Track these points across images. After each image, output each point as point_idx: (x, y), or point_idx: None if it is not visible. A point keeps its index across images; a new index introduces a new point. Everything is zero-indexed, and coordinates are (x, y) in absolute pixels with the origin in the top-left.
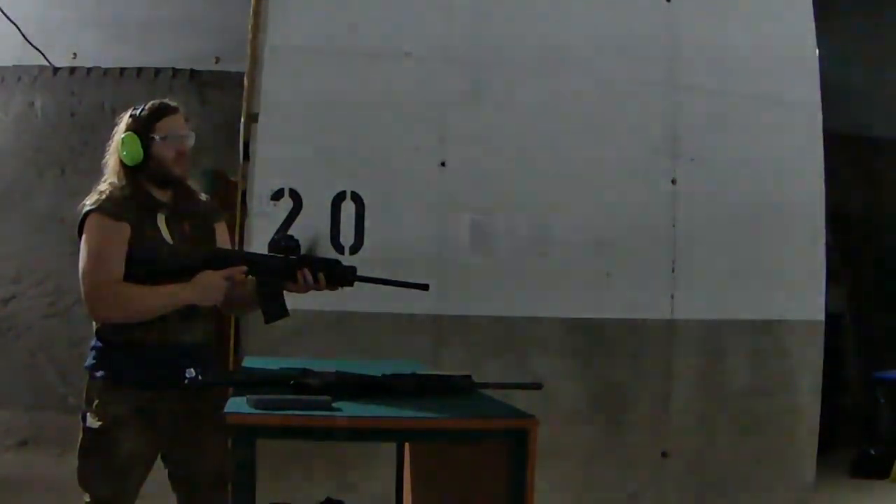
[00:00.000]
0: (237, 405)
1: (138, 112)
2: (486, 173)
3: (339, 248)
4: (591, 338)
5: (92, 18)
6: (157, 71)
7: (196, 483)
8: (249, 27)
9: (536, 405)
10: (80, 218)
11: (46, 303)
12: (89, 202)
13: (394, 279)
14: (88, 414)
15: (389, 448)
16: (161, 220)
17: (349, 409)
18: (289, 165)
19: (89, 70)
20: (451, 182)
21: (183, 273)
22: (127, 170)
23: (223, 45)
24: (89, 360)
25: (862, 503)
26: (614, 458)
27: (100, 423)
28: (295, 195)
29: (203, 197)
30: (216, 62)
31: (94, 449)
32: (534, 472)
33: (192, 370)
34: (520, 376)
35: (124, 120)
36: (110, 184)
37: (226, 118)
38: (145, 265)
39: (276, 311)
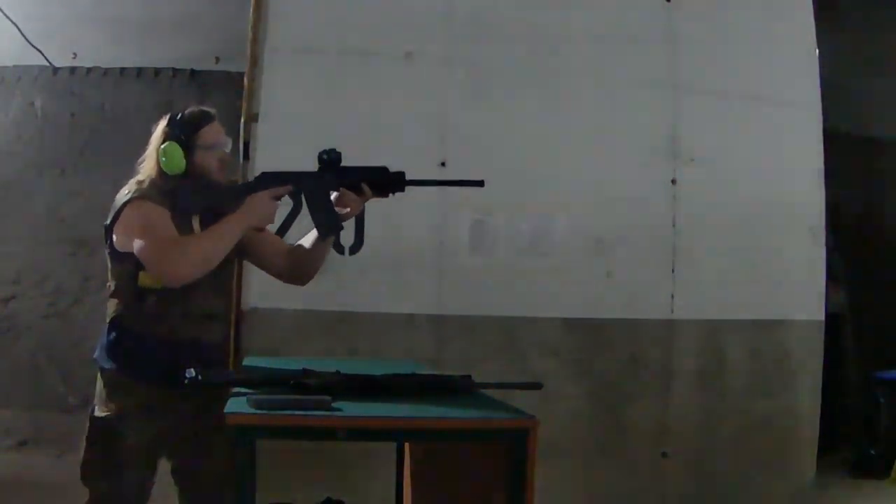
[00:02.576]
0: (237, 405)
1: (178, 119)
2: (486, 173)
3: (339, 248)
4: (591, 338)
5: (92, 18)
6: (157, 71)
7: (199, 482)
8: (249, 27)
9: (536, 405)
10: (116, 210)
11: (46, 303)
12: (127, 192)
13: (448, 179)
14: (96, 405)
15: (389, 448)
16: (196, 221)
17: (349, 409)
18: (289, 165)
19: (89, 70)
20: None
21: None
22: (165, 176)
23: (223, 45)
24: (98, 353)
25: (862, 503)
26: (614, 458)
27: (106, 412)
28: (295, 195)
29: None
30: (216, 62)
31: (99, 440)
32: (534, 472)
33: (191, 370)
34: (520, 376)
35: (161, 127)
36: (149, 178)
37: (226, 118)
38: (193, 207)
39: (330, 223)
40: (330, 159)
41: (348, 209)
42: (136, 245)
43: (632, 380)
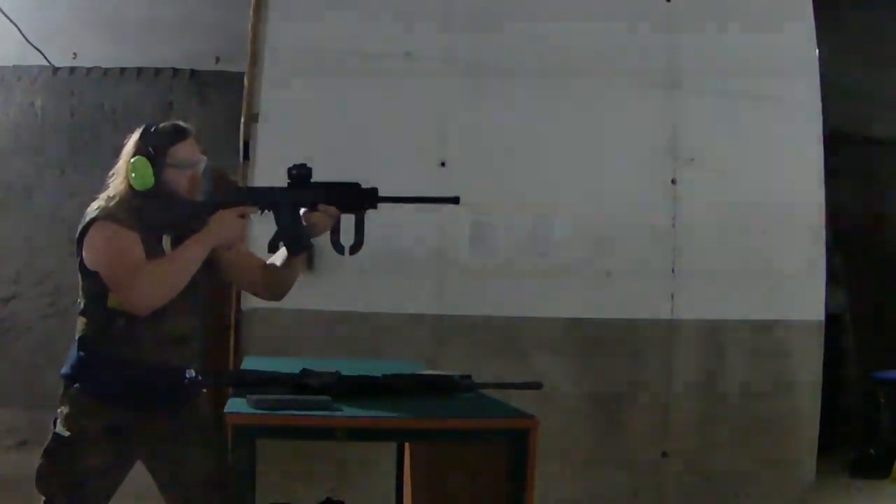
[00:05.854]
0: (237, 405)
1: (150, 133)
2: (486, 173)
3: (340, 248)
4: (591, 338)
5: (92, 18)
6: (157, 71)
7: (185, 490)
8: (249, 27)
9: (536, 405)
10: (83, 226)
11: (46, 303)
12: (94, 210)
13: (421, 196)
14: (59, 420)
15: (389, 448)
16: (166, 241)
17: (349, 409)
18: (289, 165)
19: (89, 70)
20: (451, 182)
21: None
22: (134, 192)
23: (223, 45)
24: (65, 370)
25: (862, 503)
26: (614, 458)
27: (68, 432)
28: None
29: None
30: (216, 62)
31: (58, 456)
32: (534, 472)
33: (191, 371)
34: (520, 376)
35: (133, 140)
36: (117, 197)
37: (226, 118)
38: (161, 224)
39: (297, 242)
40: (299, 174)
41: (318, 225)
42: (103, 271)
43: (632, 380)
